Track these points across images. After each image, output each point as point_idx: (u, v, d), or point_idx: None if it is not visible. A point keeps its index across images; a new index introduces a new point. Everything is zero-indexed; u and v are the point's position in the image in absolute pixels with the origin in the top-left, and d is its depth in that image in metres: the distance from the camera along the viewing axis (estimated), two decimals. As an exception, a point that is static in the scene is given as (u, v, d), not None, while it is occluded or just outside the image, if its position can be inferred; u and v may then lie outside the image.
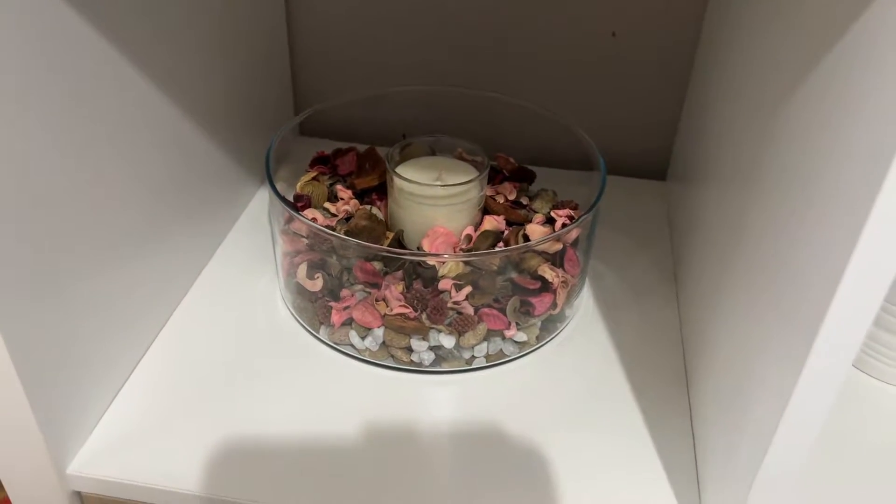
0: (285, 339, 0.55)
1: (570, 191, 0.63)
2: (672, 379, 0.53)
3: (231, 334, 0.55)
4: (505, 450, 0.48)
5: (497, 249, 0.54)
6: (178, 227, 0.56)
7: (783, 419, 0.33)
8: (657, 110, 0.75)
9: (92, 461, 0.46)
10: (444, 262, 0.54)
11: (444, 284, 0.51)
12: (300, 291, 0.54)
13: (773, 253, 0.37)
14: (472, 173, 0.57)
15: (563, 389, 0.52)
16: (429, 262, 0.54)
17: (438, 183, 0.55)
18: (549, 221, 0.60)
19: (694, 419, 0.49)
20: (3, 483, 0.46)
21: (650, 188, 0.75)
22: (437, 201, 0.55)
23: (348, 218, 0.59)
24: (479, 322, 0.51)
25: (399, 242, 0.54)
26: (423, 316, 0.50)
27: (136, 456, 0.46)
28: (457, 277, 0.51)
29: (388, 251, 0.50)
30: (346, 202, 0.59)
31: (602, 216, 0.70)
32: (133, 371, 0.52)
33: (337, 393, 0.51)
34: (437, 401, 0.51)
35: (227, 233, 0.65)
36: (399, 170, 0.58)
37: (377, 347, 0.52)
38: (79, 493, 0.47)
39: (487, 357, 0.53)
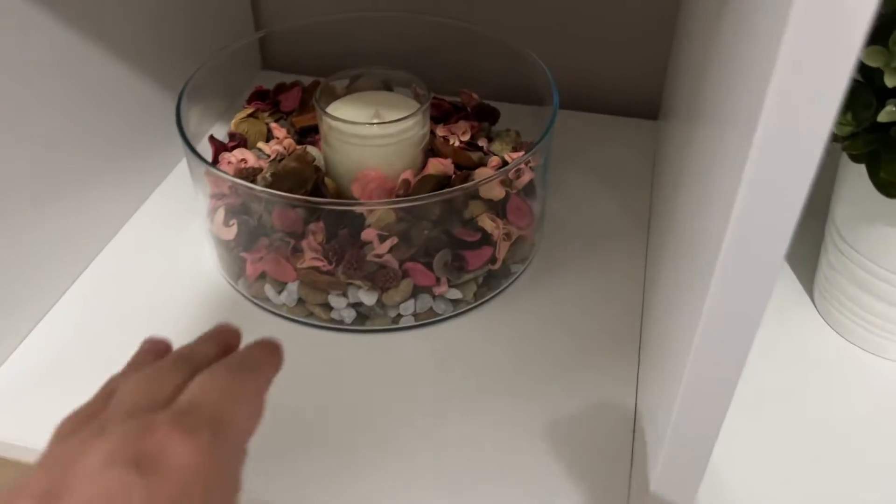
0: (206, 290, 0.51)
1: (538, 130, 0.56)
2: (624, 349, 0.47)
3: (151, 284, 0.52)
4: (419, 417, 0.43)
5: (406, 197, 0.47)
6: (108, 168, 0.52)
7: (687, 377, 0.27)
8: (649, 40, 0.67)
9: None
10: (372, 211, 0.48)
11: (366, 235, 0.46)
12: (219, 239, 0.50)
13: (696, 204, 0.31)
14: (414, 108, 0.51)
15: (498, 353, 0.47)
16: (356, 211, 0.48)
17: (366, 121, 0.49)
18: (506, 165, 0.53)
19: (640, 402, 0.44)
20: None
21: (640, 128, 0.67)
22: (368, 141, 0.49)
23: (283, 159, 0.54)
24: (403, 277, 0.46)
25: (317, 188, 0.49)
26: (339, 269, 0.45)
27: (29, 412, 0.43)
28: (385, 227, 0.46)
29: (287, 197, 0.44)
30: (280, 142, 0.54)
31: (581, 159, 0.63)
32: (42, 317, 0.49)
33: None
34: (356, 361, 0.46)
35: (168, 175, 0.61)
36: (336, 105, 0.52)
37: (294, 303, 0.47)
38: None
39: (416, 316, 0.48)
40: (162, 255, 0.54)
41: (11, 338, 0.47)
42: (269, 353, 0.29)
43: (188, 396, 0.25)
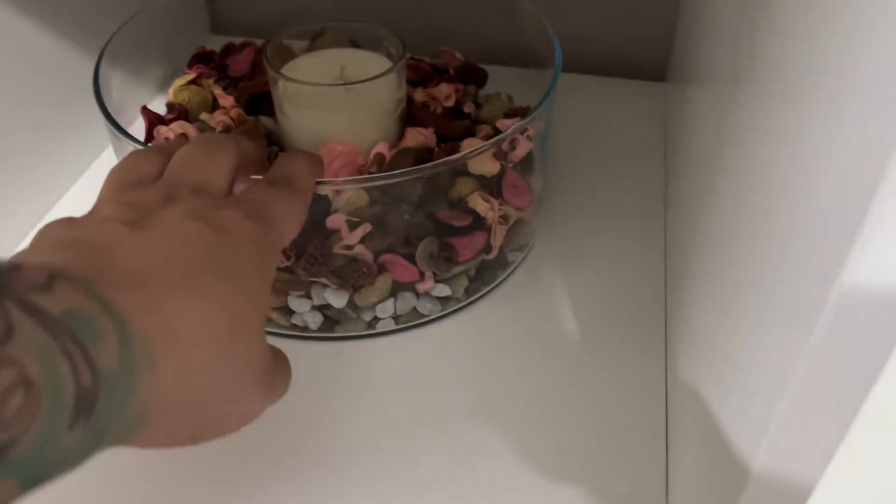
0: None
1: (534, 96, 0.48)
2: (646, 351, 0.39)
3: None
4: (402, 439, 0.35)
5: (380, 174, 0.39)
6: (25, 151, 0.44)
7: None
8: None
9: None
10: (339, 192, 0.40)
11: (333, 221, 0.37)
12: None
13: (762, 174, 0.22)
14: (386, 68, 0.42)
15: (494, 360, 0.39)
16: (319, 192, 0.40)
17: (328, 82, 0.40)
18: (498, 134, 0.45)
19: (673, 416, 0.36)
20: None
21: (647, 90, 0.59)
22: (332, 106, 0.40)
23: (230, 131, 0.45)
24: (380, 273, 0.38)
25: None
26: (299, 265, 0.37)
27: None
28: (355, 212, 0.38)
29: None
30: (227, 111, 0.45)
31: (582, 126, 0.55)
32: None
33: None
34: (325, 374, 0.38)
35: (94, 161, 0.52)
36: (293, 65, 0.43)
37: (246, 307, 0.39)
38: None
39: (396, 318, 0.39)
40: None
41: None
42: (316, 168, 0.34)
43: (251, 196, 0.28)
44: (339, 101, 0.40)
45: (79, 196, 0.49)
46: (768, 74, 0.24)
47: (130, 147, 0.37)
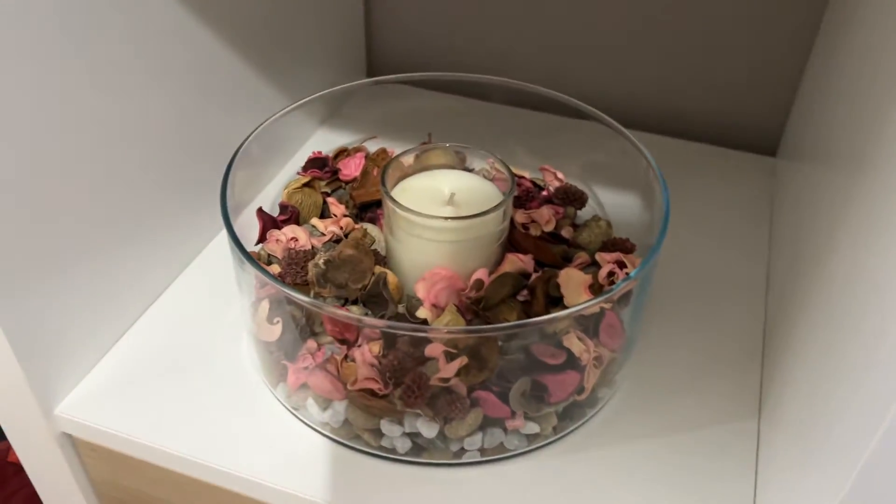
0: (239, 389, 0.44)
1: (630, 222, 0.49)
2: (737, 489, 0.39)
3: (178, 374, 0.45)
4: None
5: (479, 327, 0.40)
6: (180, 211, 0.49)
7: None
8: (774, 70, 0.61)
9: (80, 405, 0.43)
10: (438, 316, 0.41)
11: (432, 350, 0.38)
12: (258, 338, 0.43)
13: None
14: (494, 197, 0.44)
15: (580, 497, 0.39)
16: (418, 316, 0.41)
17: (438, 210, 0.42)
18: (595, 264, 0.45)
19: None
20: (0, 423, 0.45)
21: (757, 165, 0.62)
22: (440, 235, 0.42)
23: (339, 240, 0.47)
24: (472, 407, 0.39)
25: (377, 287, 0.41)
26: (396, 394, 0.38)
27: (132, 407, 0.43)
28: (451, 342, 0.39)
29: (328, 312, 0.37)
30: (337, 221, 0.47)
31: (684, 202, 0.56)
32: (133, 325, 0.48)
33: (283, 471, 0.40)
34: (408, 497, 0.39)
35: (214, 237, 0.55)
36: (403, 186, 0.45)
37: (339, 424, 0.40)
38: (70, 437, 0.44)
39: (482, 451, 0.40)
40: (195, 339, 0.47)
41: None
42: None
43: None
44: (448, 230, 0.42)
45: (199, 269, 0.53)
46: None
47: (244, 263, 0.39)
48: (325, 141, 0.63)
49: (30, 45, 0.36)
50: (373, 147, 0.53)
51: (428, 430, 0.38)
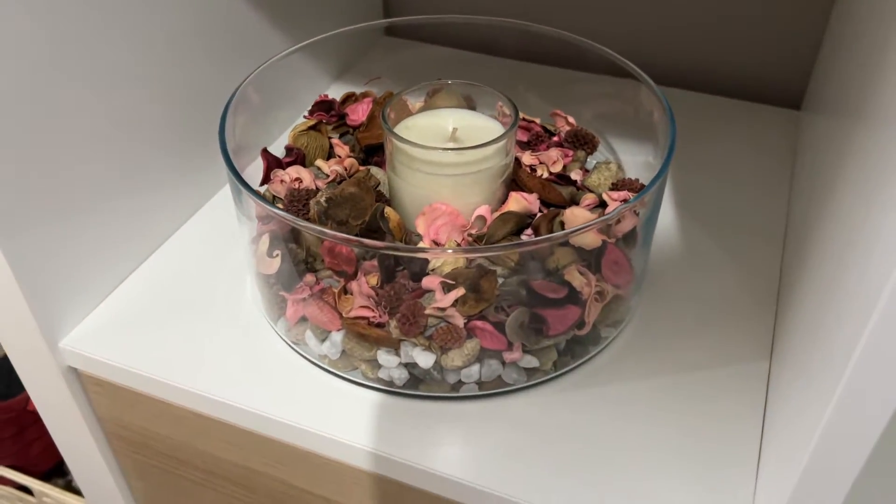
0: (241, 327, 0.44)
1: (644, 171, 0.47)
2: (742, 443, 0.38)
3: (184, 314, 0.45)
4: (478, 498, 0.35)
5: (481, 244, 0.40)
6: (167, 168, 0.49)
7: None
8: (799, 24, 0.60)
9: (85, 340, 0.44)
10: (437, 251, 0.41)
11: (428, 282, 0.38)
12: (258, 272, 0.43)
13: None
14: (497, 133, 0.43)
15: (579, 437, 0.38)
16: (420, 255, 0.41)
17: (439, 145, 0.41)
18: (603, 205, 0.44)
19: (760, 514, 0.34)
20: (8, 354, 0.46)
21: (781, 118, 0.60)
22: (440, 169, 0.41)
23: (343, 181, 0.46)
24: (468, 337, 0.38)
25: (376, 221, 0.41)
26: (392, 323, 0.38)
27: (137, 343, 0.43)
28: (450, 274, 0.38)
29: (328, 235, 0.36)
30: (341, 161, 0.47)
31: (701, 155, 0.55)
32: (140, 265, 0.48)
33: (283, 404, 0.40)
34: (405, 430, 0.38)
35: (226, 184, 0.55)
36: (407, 124, 0.45)
37: (337, 356, 0.40)
38: (76, 372, 0.45)
39: (480, 384, 0.39)
40: (199, 280, 0.47)
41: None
42: None
43: None
44: (448, 164, 0.41)
45: (209, 213, 0.53)
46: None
47: (242, 192, 0.39)
48: (339, 94, 0.63)
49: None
50: (381, 92, 0.53)
51: (424, 359, 0.38)
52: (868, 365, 0.23)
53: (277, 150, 0.50)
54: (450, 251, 0.38)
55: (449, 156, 0.41)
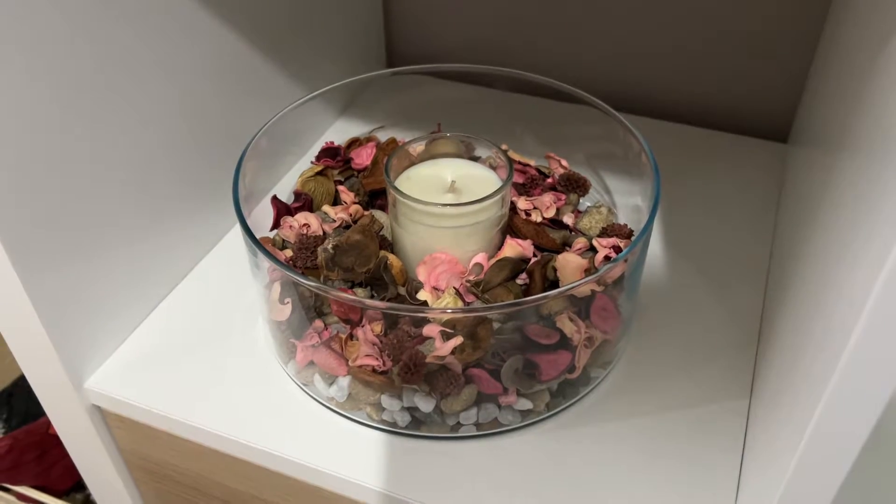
0: (253, 366, 0.47)
1: (636, 209, 0.50)
2: (722, 478, 0.40)
3: (198, 353, 0.48)
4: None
5: (481, 305, 0.42)
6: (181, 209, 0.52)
7: None
8: (786, 57, 0.63)
9: (108, 380, 0.46)
10: (438, 298, 0.43)
11: (428, 330, 0.41)
12: (269, 318, 0.46)
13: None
14: (495, 184, 0.46)
15: (571, 472, 0.41)
16: (419, 298, 0.44)
17: (439, 198, 0.44)
18: (593, 249, 0.47)
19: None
20: (34, 389, 0.48)
21: (768, 151, 0.63)
22: (440, 221, 0.44)
23: (348, 226, 0.49)
24: (466, 384, 0.41)
25: (380, 270, 0.44)
26: (395, 370, 0.40)
27: (156, 382, 0.46)
28: (449, 321, 0.41)
29: (330, 294, 0.39)
30: (346, 208, 0.50)
31: (690, 187, 0.58)
32: (158, 305, 0.51)
33: (293, 442, 0.42)
34: (408, 469, 0.41)
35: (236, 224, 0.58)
36: (408, 175, 0.48)
37: (344, 398, 0.43)
38: (99, 410, 0.48)
39: (477, 425, 0.42)
40: (214, 319, 0.50)
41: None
42: None
43: None
44: (447, 216, 0.44)
45: (221, 252, 0.56)
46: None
47: (254, 247, 0.42)
48: (343, 131, 0.66)
49: (57, 32, 0.39)
50: (384, 136, 0.56)
51: (425, 404, 0.41)
52: (838, 403, 0.25)
53: (283, 189, 0.53)
54: (449, 310, 0.40)
55: (448, 210, 0.43)
